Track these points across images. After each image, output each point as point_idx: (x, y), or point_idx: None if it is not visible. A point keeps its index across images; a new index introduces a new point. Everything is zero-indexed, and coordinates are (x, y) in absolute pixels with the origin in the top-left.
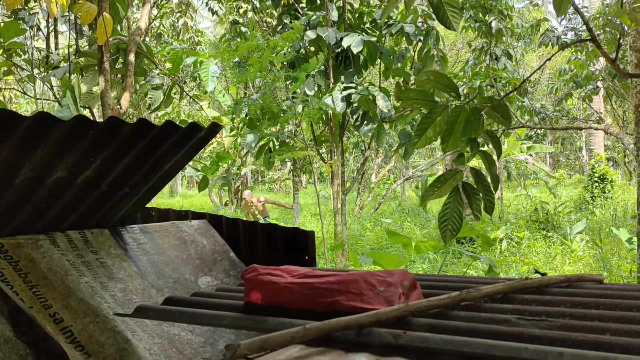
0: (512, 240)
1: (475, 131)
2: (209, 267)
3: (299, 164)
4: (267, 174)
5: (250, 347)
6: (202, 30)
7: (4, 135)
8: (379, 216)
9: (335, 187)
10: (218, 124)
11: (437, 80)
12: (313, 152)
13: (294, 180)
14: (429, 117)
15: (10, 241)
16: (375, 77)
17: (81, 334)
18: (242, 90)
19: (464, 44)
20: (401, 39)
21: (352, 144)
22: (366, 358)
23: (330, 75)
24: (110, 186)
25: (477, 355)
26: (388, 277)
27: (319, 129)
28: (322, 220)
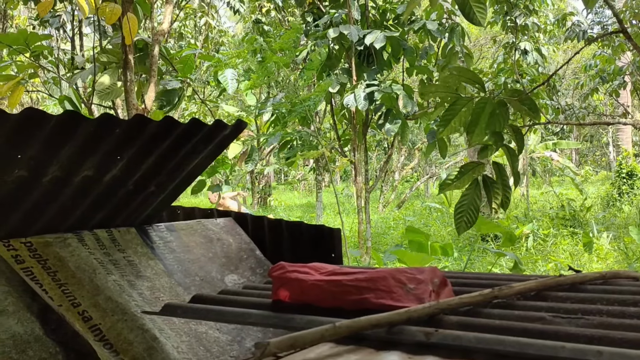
0: (538, 238)
1: (501, 124)
2: (235, 265)
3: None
4: (289, 173)
5: (280, 346)
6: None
7: (32, 134)
8: (403, 214)
9: (359, 185)
10: (243, 121)
11: (460, 74)
12: (327, 151)
13: (316, 178)
14: (453, 109)
15: (39, 240)
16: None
17: (110, 332)
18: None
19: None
20: (425, 35)
21: (375, 142)
22: (397, 356)
23: (353, 72)
24: (137, 184)
25: (511, 354)
26: (418, 274)
27: (342, 127)
28: (342, 218)
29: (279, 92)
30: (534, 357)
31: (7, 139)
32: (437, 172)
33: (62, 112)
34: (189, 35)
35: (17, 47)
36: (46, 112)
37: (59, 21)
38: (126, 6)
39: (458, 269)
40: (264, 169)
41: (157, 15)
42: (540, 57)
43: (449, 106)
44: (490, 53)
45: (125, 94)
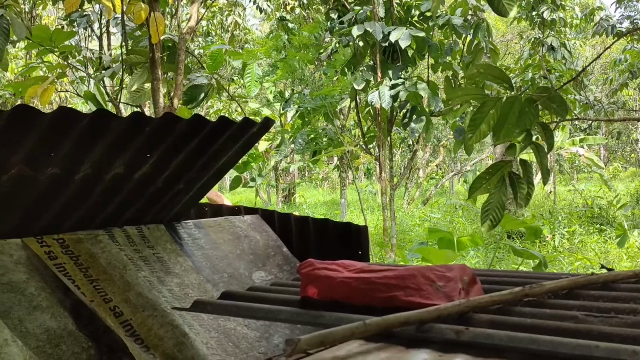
0: (564, 236)
1: (530, 122)
2: (262, 262)
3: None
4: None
5: (311, 342)
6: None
7: (65, 133)
8: (428, 211)
9: (383, 183)
10: (271, 119)
11: (487, 72)
12: (353, 148)
13: (340, 175)
14: (481, 111)
15: (71, 236)
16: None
17: (140, 327)
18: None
19: (514, 35)
20: (450, 32)
21: (399, 139)
22: (427, 354)
23: (377, 69)
24: (166, 182)
25: (544, 353)
26: (447, 272)
27: (366, 124)
28: (365, 215)
29: (303, 89)
30: (567, 357)
31: (41, 138)
32: (462, 169)
33: (94, 111)
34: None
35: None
36: (79, 111)
37: (87, 21)
38: (153, 5)
39: (483, 267)
40: (289, 167)
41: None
42: (567, 52)
43: (477, 109)
44: (517, 49)
45: (153, 92)
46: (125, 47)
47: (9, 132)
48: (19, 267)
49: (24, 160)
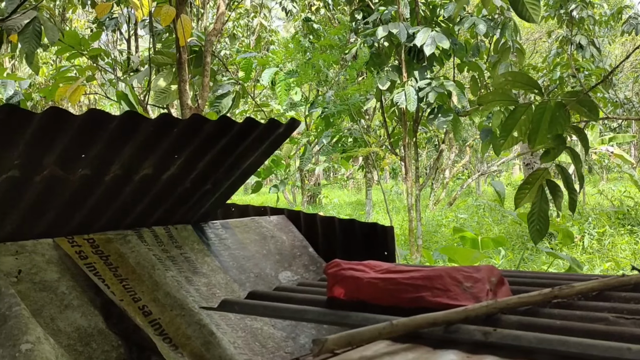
0: (593, 237)
1: (562, 127)
2: (288, 262)
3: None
4: (338, 171)
5: (338, 342)
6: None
7: (95, 134)
8: (454, 212)
9: (409, 183)
10: (297, 120)
11: (515, 80)
12: (377, 149)
13: (365, 176)
14: (512, 117)
15: (100, 237)
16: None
17: (169, 326)
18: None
19: (542, 34)
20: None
21: (425, 139)
22: (455, 355)
23: (403, 70)
24: (194, 183)
25: (574, 355)
26: (474, 272)
27: (392, 125)
28: (392, 216)
29: (327, 90)
30: (597, 359)
31: (72, 139)
32: (488, 169)
33: (123, 112)
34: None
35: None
36: (109, 113)
37: (115, 24)
38: (180, 8)
39: (510, 269)
40: (314, 168)
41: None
42: (596, 50)
43: (508, 115)
44: (545, 47)
45: (179, 94)
46: (153, 49)
47: (42, 134)
48: (50, 267)
49: (56, 161)
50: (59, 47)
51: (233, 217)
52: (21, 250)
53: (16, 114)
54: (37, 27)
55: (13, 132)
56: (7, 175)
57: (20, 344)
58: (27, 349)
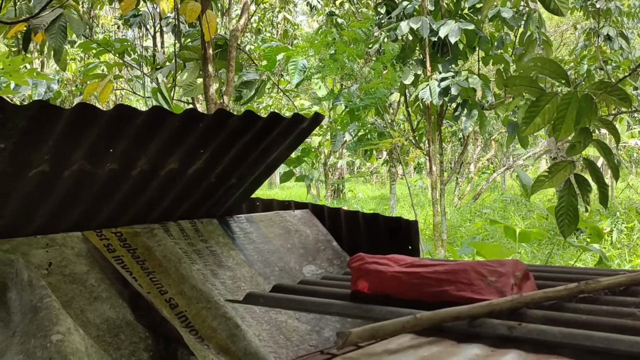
0: (622, 232)
1: (588, 119)
2: (313, 256)
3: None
4: (363, 165)
5: (362, 335)
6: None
7: (123, 129)
8: (479, 207)
9: (433, 177)
10: (321, 114)
11: (543, 67)
12: (402, 140)
13: (389, 170)
14: (537, 105)
15: (128, 230)
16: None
17: (195, 319)
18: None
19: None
20: (501, 24)
21: (450, 133)
22: (479, 349)
23: (427, 63)
24: (219, 177)
25: (599, 350)
26: (499, 267)
27: (416, 119)
28: (416, 210)
29: (351, 84)
30: (623, 354)
31: (100, 135)
32: (514, 164)
33: (150, 108)
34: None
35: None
36: (136, 109)
37: (140, 20)
38: (205, 4)
39: (538, 263)
40: (337, 162)
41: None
42: (625, 42)
43: (533, 102)
44: (572, 40)
45: (205, 88)
46: (179, 44)
47: (71, 130)
48: (80, 260)
49: (85, 156)
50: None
51: (257, 211)
52: (51, 244)
53: (47, 109)
54: (63, 23)
55: (43, 128)
56: (38, 170)
57: (51, 334)
58: (58, 339)
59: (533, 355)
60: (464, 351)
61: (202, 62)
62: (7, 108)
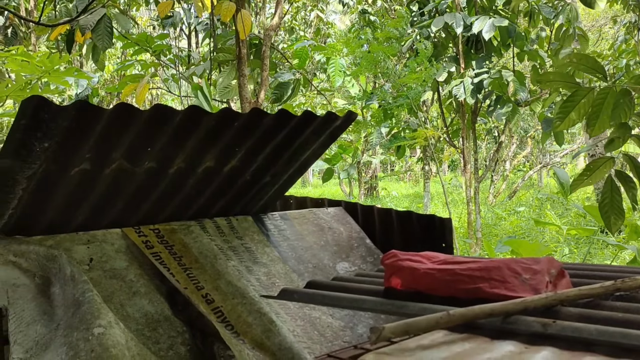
0: None
1: (626, 114)
2: (346, 253)
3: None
4: (396, 164)
5: (395, 331)
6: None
7: (160, 129)
8: (514, 205)
9: (468, 175)
10: (354, 113)
11: (580, 62)
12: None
13: (423, 168)
14: (572, 100)
15: (165, 227)
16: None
17: (230, 314)
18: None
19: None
20: (537, 19)
21: (484, 130)
22: (513, 346)
23: (460, 60)
24: (254, 175)
25: (635, 348)
26: (533, 264)
27: (449, 116)
28: (450, 208)
29: (385, 82)
30: None
31: (139, 134)
32: (550, 161)
33: (187, 107)
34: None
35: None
36: (173, 108)
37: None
38: (240, 3)
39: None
40: (371, 160)
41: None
42: None
43: (568, 97)
44: (611, 34)
45: (239, 88)
46: (214, 44)
47: (111, 129)
48: (119, 255)
49: (124, 154)
50: (125, 42)
51: (291, 209)
52: (92, 240)
53: (88, 110)
54: (108, 23)
55: (85, 127)
56: (79, 168)
57: (93, 327)
58: (100, 332)
59: (568, 352)
60: (498, 348)
61: (236, 61)
62: (51, 108)
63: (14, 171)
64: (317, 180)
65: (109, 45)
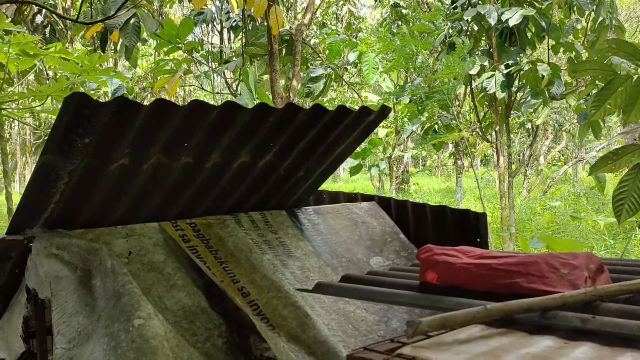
0: None
1: None
2: (379, 248)
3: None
4: (427, 158)
5: (432, 325)
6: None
7: (197, 124)
8: (548, 200)
9: (501, 170)
10: (387, 107)
11: (618, 48)
12: (467, 134)
13: (456, 163)
14: (608, 88)
15: (201, 221)
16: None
17: (266, 307)
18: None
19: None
20: (572, 9)
21: (517, 124)
22: (552, 341)
23: (494, 53)
24: (288, 170)
25: None
26: (572, 259)
27: (482, 110)
28: (484, 203)
29: (416, 77)
30: None
31: (177, 129)
32: (586, 156)
33: (223, 103)
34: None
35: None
36: (210, 104)
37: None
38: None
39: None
40: (402, 155)
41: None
42: None
43: (604, 85)
44: None
45: (271, 83)
46: (245, 40)
47: (149, 124)
48: (157, 249)
49: (161, 149)
50: (159, 42)
51: (324, 204)
52: (130, 234)
53: (127, 105)
54: (137, 22)
55: (124, 123)
56: (119, 163)
57: (134, 319)
58: (140, 324)
59: (608, 348)
60: (536, 343)
61: (268, 57)
62: (92, 104)
63: (57, 166)
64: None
65: (136, 43)
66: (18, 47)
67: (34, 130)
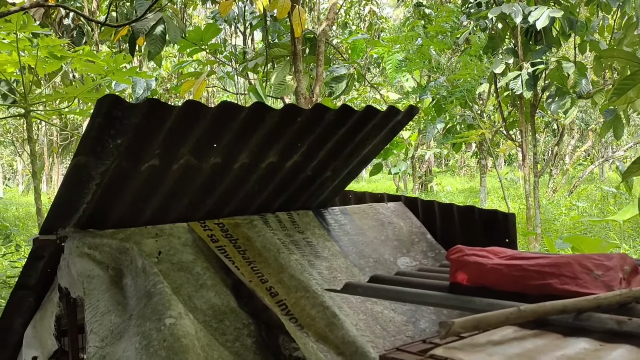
0: None
1: None
2: (407, 248)
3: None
4: (450, 158)
5: (465, 326)
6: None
7: (226, 125)
8: (574, 200)
9: (526, 169)
10: (415, 107)
11: None
12: (488, 133)
13: (479, 162)
14: (632, 78)
15: (230, 221)
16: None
17: (294, 307)
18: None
19: None
20: (599, 7)
21: (543, 123)
22: (587, 343)
23: (519, 52)
24: (315, 170)
25: None
26: (606, 260)
27: (507, 109)
28: (508, 203)
29: (439, 76)
30: None
31: (206, 130)
32: (613, 155)
33: (252, 104)
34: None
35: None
36: (238, 105)
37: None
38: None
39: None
40: (425, 154)
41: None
42: None
43: (628, 75)
44: None
45: (295, 83)
46: (267, 41)
47: (179, 125)
48: (186, 249)
49: (191, 150)
50: (181, 45)
51: (350, 204)
52: (160, 233)
53: (158, 107)
54: (163, 29)
55: (155, 124)
56: (149, 164)
57: (165, 318)
58: (171, 323)
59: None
60: (571, 345)
61: (292, 57)
62: (124, 106)
63: (89, 167)
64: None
65: (160, 50)
66: (46, 50)
67: (60, 132)
